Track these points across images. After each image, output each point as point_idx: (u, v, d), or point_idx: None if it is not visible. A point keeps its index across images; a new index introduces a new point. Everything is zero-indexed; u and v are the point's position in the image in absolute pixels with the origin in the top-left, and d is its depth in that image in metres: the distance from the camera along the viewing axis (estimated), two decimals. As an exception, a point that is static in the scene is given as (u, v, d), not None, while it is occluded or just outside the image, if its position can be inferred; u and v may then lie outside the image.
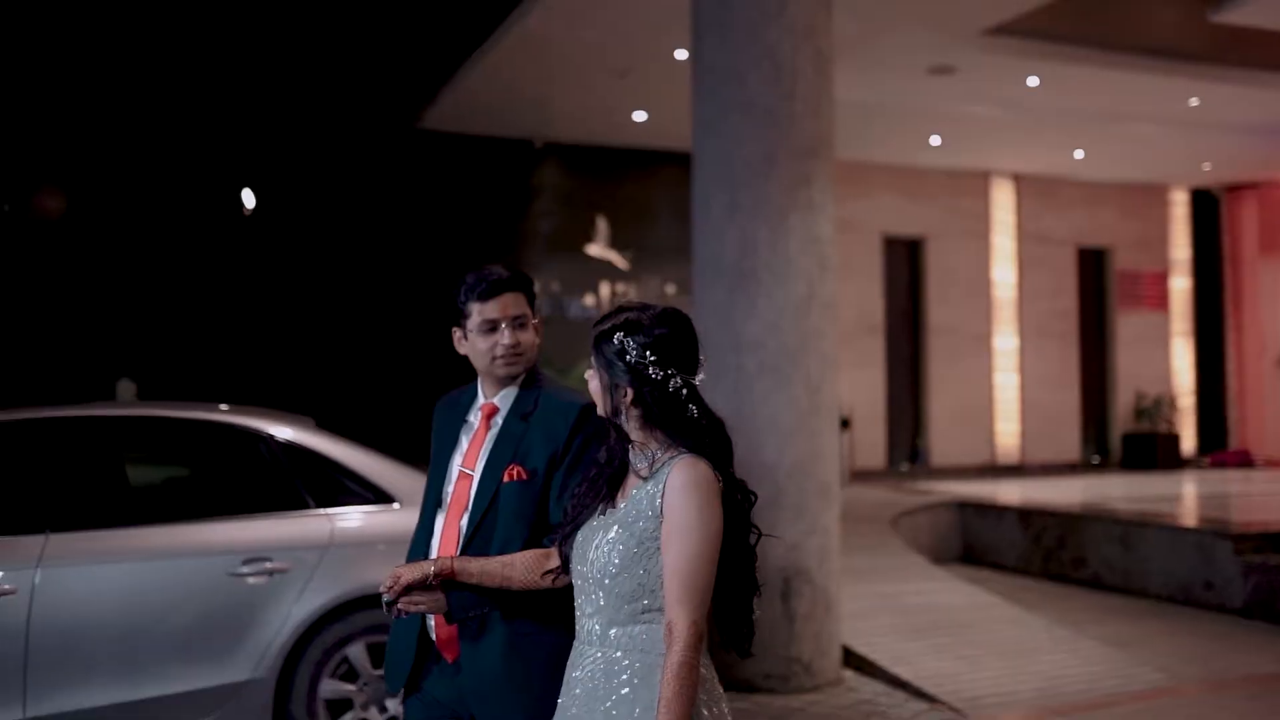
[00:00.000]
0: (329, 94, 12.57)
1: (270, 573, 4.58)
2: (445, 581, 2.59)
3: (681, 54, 10.20)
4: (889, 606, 7.64)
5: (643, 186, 14.28)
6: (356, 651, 4.70)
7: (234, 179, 12.56)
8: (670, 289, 14.41)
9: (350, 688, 4.72)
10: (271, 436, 4.92)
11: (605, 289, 14.21)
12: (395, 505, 4.84)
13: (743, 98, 6.28)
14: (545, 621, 2.63)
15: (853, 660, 6.52)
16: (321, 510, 4.82)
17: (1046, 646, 6.87)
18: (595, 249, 14.18)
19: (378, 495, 4.89)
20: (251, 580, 4.56)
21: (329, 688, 4.68)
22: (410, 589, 2.57)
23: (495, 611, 2.65)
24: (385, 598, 2.58)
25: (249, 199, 12.53)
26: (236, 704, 4.50)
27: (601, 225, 14.18)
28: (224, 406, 5.15)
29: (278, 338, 12.37)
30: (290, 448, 4.91)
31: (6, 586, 4.24)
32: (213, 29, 12.01)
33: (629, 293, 14.24)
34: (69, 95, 11.73)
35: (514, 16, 9.89)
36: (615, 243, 14.23)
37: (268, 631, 4.55)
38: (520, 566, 2.59)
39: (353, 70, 12.49)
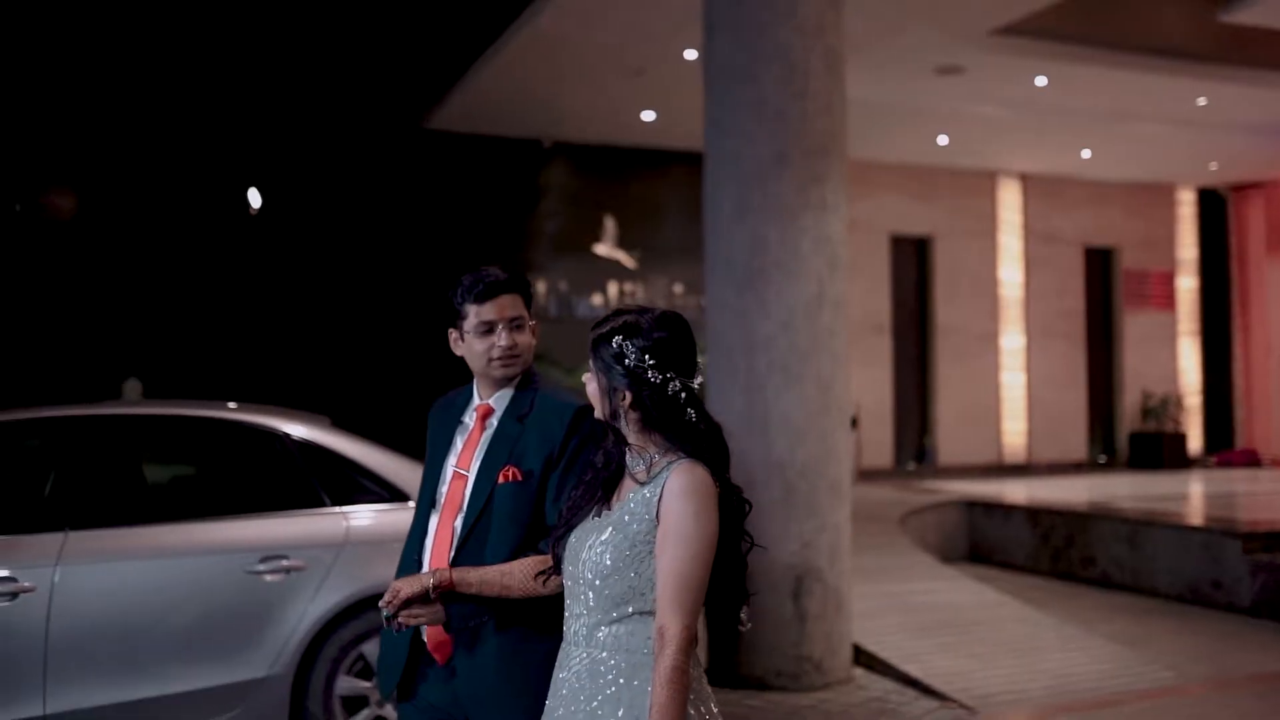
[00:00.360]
0: (337, 94, 12.61)
1: (287, 570, 4.61)
2: (445, 593, 2.59)
3: (691, 54, 10.23)
4: (898, 605, 7.66)
5: (651, 186, 14.31)
6: (372, 649, 4.72)
7: (243, 179, 12.60)
8: (678, 289, 14.44)
9: (366, 685, 4.74)
10: (288, 435, 4.95)
11: (613, 289, 14.24)
12: (410, 503, 4.86)
13: (754, 97, 6.31)
14: (540, 624, 2.61)
15: (863, 658, 6.55)
16: (337, 508, 4.84)
17: (1056, 644, 6.90)
18: (603, 249, 14.21)
19: (392, 493, 4.92)
20: (269, 578, 4.59)
21: (345, 685, 4.71)
22: (410, 602, 2.57)
23: (491, 619, 2.65)
24: (385, 612, 2.58)
25: (255, 198, 12.56)
26: (254, 701, 4.53)
27: (609, 225, 14.21)
28: (232, 404, 5.19)
29: (285, 337, 12.40)
30: (306, 446, 4.94)
31: (27, 584, 4.27)
32: (222, 29, 12.05)
33: (636, 293, 14.27)
34: (79, 96, 11.78)
35: (525, 16, 9.92)
36: (623, 242, 14.26)
37: (284, 629, 4.58)
38: (519, 575, 2.58)
39: (361, 71, 12.53)
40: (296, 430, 4.98)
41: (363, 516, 4.84)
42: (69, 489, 4.61)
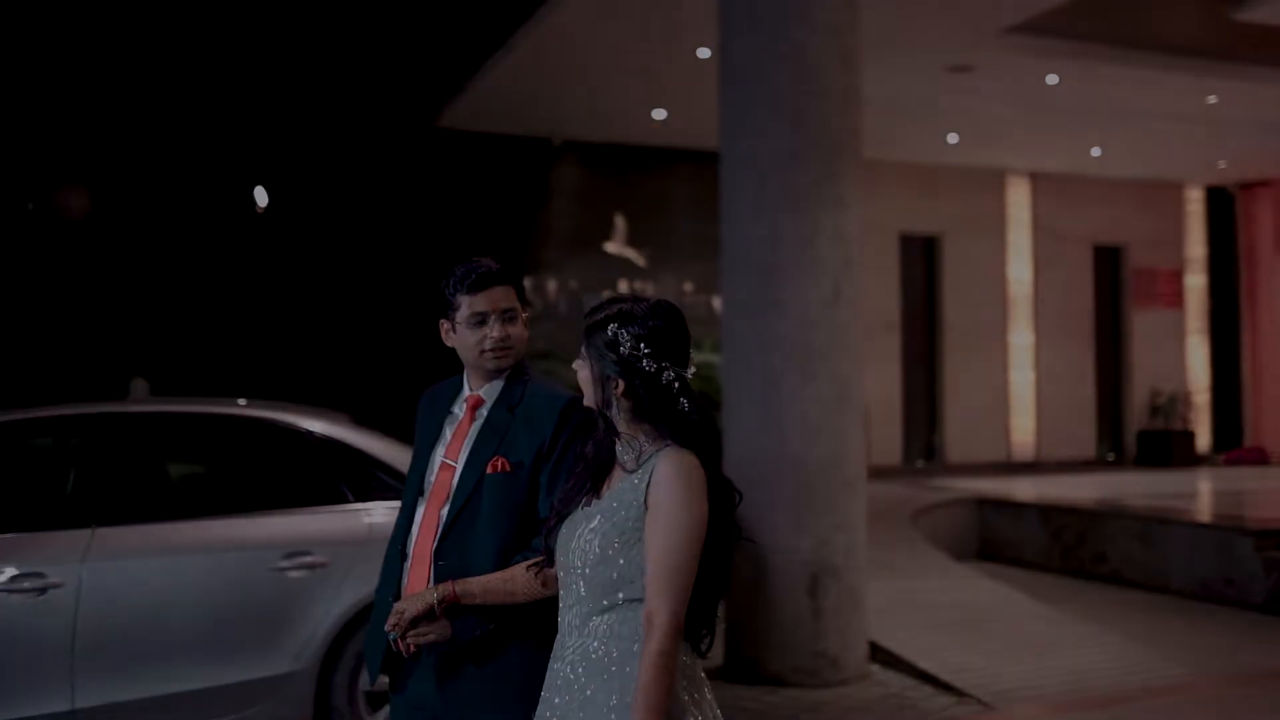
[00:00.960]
0: (349, 93, 12.64)
1: (311, 567, 4.64)
2: (450, 607, 2.57)
3: (703, 52, 10.24)
4: (913, 602, 7.68)
5: (661, 184, 14.33)
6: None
7: (254, 178, 12.63)
8: (688, 287, 14.46)
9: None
10: (310, 432, 4.99)
11: (623, 286, 14.25)
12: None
13: (770, 96, 6.33)
14: (526, 629, 2.59)
15: (879, 654, 6.57)
16: (359, 505, 4.87)
17: (1071, 641, 6.92)
18: (613, 247, 14.23)
19: (413, 490, 4.94)
20: (293, 574, 4.62)
21: (368, 680, 4.74)
22: (416, 621, 2.56)
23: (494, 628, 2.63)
24: (392, 635, 2.57)
25: (261, 197, 12.59)
26: (279, 696, 4.56)
27: (620, 223, 14.24)
28: (243, 401, 5.23)
29: (294, 335, 12.43)
30: (328, 443, 4.97)
31: (54, 580, 4.31)
32: (233, 28, 12.08)
33: (646, 290, 14.29)
34: (90, 95, 11.81)
35: (538, 15, 9.94)
36: (633, 240, 14.29)
37: (309, 624, 4.61)
38: (521, 580, 2.56)
39: (373, 69, 12.55)
40: (318, 427, 5.02)
41: (384, 513, 4.85)
42: (95, 486, 4.64)
